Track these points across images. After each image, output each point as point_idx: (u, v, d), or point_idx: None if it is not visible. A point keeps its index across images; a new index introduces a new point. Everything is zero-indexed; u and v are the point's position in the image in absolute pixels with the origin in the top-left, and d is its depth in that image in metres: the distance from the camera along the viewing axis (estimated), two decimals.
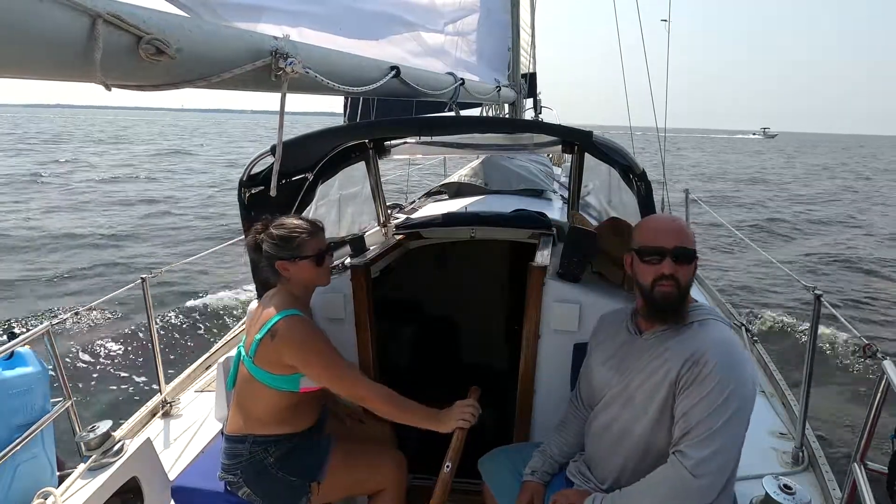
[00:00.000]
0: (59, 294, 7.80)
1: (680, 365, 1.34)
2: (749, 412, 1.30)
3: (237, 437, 1.73)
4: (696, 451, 1.27)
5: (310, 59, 1.32)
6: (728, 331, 1.39)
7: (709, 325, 1.39)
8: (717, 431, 1.26)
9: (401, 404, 1.65)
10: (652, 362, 1.40)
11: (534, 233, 2.65)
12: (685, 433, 1.30)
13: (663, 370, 1.37)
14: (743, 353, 1.35)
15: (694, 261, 1.41)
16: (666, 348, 1.39)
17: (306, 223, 1.75)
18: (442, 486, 1.52)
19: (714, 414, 1.26)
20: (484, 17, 3.86)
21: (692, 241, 1.42)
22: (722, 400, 1.26)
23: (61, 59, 0.77)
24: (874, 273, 9.64)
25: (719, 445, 1.26)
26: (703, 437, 1.27)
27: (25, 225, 12.49)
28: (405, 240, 2.75)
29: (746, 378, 1.30)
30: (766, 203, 19.06)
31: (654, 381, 1.38)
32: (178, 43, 0.94)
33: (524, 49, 7.14)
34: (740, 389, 1.28)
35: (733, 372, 1.29)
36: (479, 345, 3.18)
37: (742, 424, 1.29)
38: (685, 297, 1.41)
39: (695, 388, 1.30)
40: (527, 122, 4.03)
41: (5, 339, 1.85)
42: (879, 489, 1.60)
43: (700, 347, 1.33)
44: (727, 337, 1.37)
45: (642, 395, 1.40)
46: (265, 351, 1.63)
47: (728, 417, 1.26)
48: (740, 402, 1.27)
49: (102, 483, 1.88)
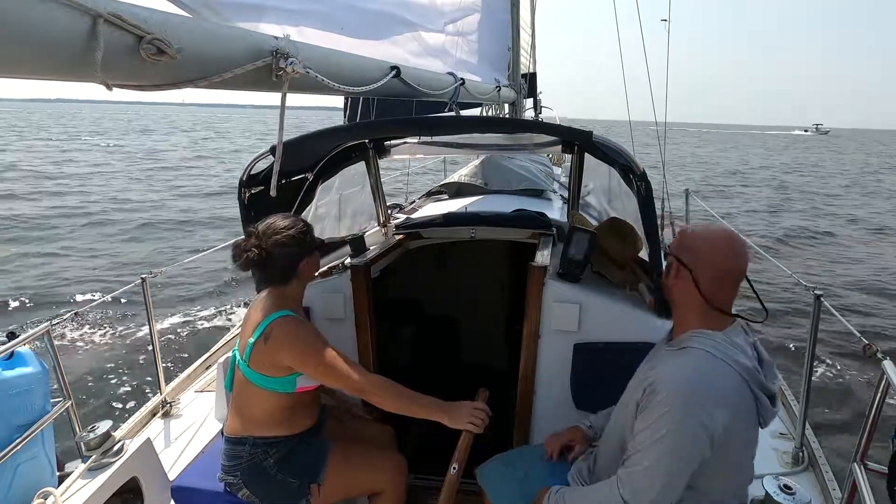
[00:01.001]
0: (60, 294, 7.79)
1: (645, 386, 1.29)
2: (691, 458, 1.20)
3: (236, 438, 1.72)
4: (631, 480, 1.24)
5: (310, 59, 1.32)
6: (704, 368, 1.23)
7: (689, 355, 1.28)
8: (652, 468, 1.21)
9: (403, 395, 1.62)
10: (643, 371, 1.39)
11: (534, 233, 2.65)
12: (627, 456, 1.27)
13: (640, 385, 1.33)
14: (708, 395, 1.20)
15: (668, 260, 1.38)
16: (658, 362, 1.35)
17: (292, 216, 1.71)
18: (449, 487, 1.52)
19: (651, 449, 1.21)
20: (484, 17, 3.86)
21: (674, 244, 1.38)
22: (660, 436, 1.20)
23: (62, 58, 0.77)
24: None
25: (649, 484, 1.21)
26: (639, 469, 1.23)
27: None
28: (405, 240, 2.75)
29: (696, 422, 1.18)
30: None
31: (635, 391, 1.35)
32: (179, 43, 0.93)
33: (524, 49, 7.14)
34: (682, 432, 1.19)
35: (680, 412, 1.19)
36: (479, 345, 3.17)
37: (680, 466, 1.20)
38: (663, 298, 1.40)
39: (644, 415, 1.26)
40: (527, 122, 4.03)
41: (5, 340, 1.85)
42: (879, 489, 1.60)
43: (661, 374, 1.27)
44: (694, 374, 1.23)
45: (626, 399, 1.39)
46: (259, 354, 1.61)
47: (662, 455, 1.20)
48: (678, 446, 1.19)
49: (102, 483, 1.88)
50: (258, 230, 1.65)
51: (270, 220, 1.67)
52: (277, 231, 1.63)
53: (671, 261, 1.37)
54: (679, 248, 1.35)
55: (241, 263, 1.60)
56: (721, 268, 1.30)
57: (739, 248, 1.33)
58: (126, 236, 11.45)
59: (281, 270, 1.67)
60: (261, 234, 1.63)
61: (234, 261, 1.62)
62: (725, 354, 1.25)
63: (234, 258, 1.62)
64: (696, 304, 1.32)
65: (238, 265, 1.61)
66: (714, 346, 1.26)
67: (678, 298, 1.37)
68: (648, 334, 1.89)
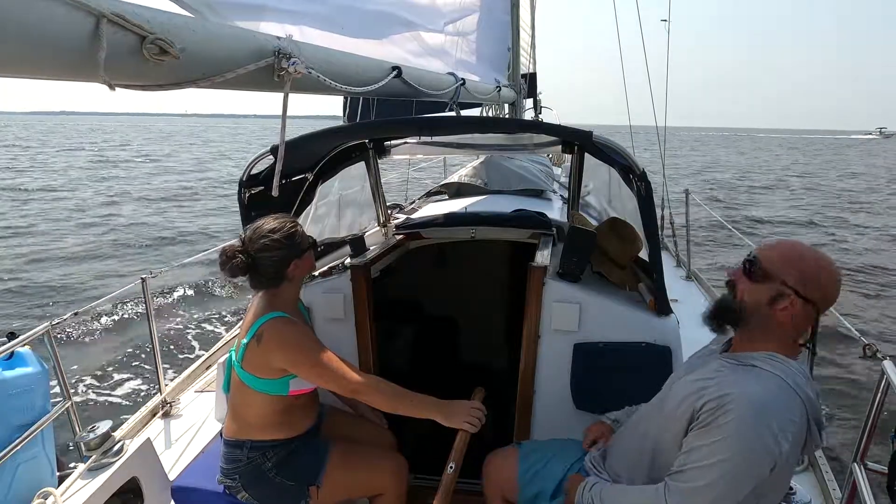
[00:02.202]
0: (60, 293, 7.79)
1: (707, 399, 1.23)
2: (748, 482, 1.17)
3: (234, 441, 1.72)
4: (683, 496, 1.21)
5: (312, 60, 1.32)
6: (778, 394, 1.19)
7: (761, 376, 1.22)
8: (709, 486, 1.18)
9: (398, 394, 1.61)
10: (700, 379, 1.31)
11: (534, 233, 2.65)
12: (680, 469, 1.23)
13: (697, 394, 1.26)
14: (778, 422, 1.16)
15: (765, 284, 1.25)
16: (720, 374, 1.28)
17: (283, 216, 1.69)
18: (445, 487, 1.52)
19: (710, 468, 1.18)
20: (484, 17, 3.87)
21: (793, 276, 1.23)
22: (723, 458, 1.16)
23: (65, 58, 0.77)
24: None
25: (704, 502, 1.18)
26: (694, 486, 1.20)
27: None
28: (405, 240, 2.75)
29: (762, 448, 1.14)
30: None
31: (688, 398, 1.28)
32: (182, 43, 0.94)
33: (524, 49, 7.16)
34: (747, 456, 1.15)
35: (748, 435, 1.15)
36: (479, 345, 3.17)
37: (736, 489, 1.17)
38: (742, 313, 1.29)
39: (706, 430, 1.21)
40: (527, 122, 4.03)
41: (5, 340, 1.85)
42: (879, 489, 1.60)
43: (730, 392, 1.20)
44: (768, 398, 1.18)
45: (673, 404, 1.33)
46: (252, 356, 1.61)
47: (719, 477, 1.17)
48: (737, 470, 1.16)
49: (102, 483, 1.88)
50: (245, 235, 1.63)
51: (257, 223, 1.65)
52: (263, 235, 1.61)
53: (788, 293, 1.23)
54: (803, 282, 1.22)
55: (228, 271, 1.59)
56: (832, 303, 1.26)
57: (839, 274, 1.26)
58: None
59: (269, 275, 1.64)
60: (247, 239, 1.62)
61: (220, 268, 1.60)
62: (797, 384, 1.21)
63: (220, 266, 1.60)
64: (788, 331, 1.27)
65: (225, 273, 1.59)
66: (790, 374, 1.22)
67: (774, 325, 1.27)
68: (648, 334, 1.90)
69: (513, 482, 1.71)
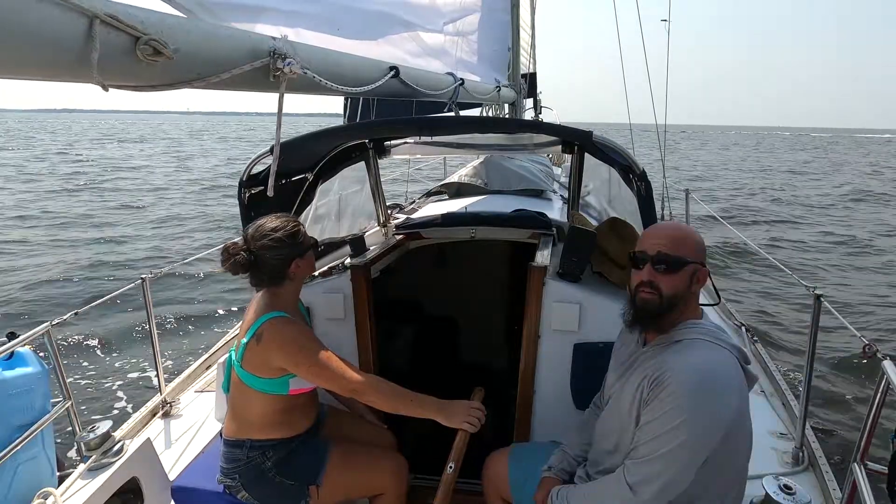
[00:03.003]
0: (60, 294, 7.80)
1: (648, 381, 1.30)
2: (703, 447, 1.21)
3: (234, 441, 1.72)
4: (638, 469, 1.25)
5: (308, 60, 1.32)
6: (713, 357, 1.26)
7: (692, 347, 1.29)
8: (661, 457, 1.21)
9: (398, 394, 1.62)
10: (638, 374, 1.37)
11: (534, 233, 2.65)
12: (634, 448, 1.28)
13: (639, 383, 1.34)
14: (721, 385, 1.23)
15: (683, 270, 1.33)
16: (652, 362, 1.34)
17: (285, 216, 1.70)
18: (445, 487, 1.52)
19: (660, 439, 1.22)
20: (484, 17, 3.86)
21: (684, 250, 1.33)
22: (673, 426, 1.20)
23: (58, 59, 0.77)
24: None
25: (659, 471, 1.21)
26: (646, 458, 1.24)
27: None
28: (405, 240, 2.75)
29: (707, 413, 1.20)
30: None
31: (634, 392, 1.35)
32: (176, 43, 0.93)
33: (524, 49, 7.15)
34: (696, 422, 1.19)
35: (694, 402, 1.20)
36: (479, 345, 3.17)
37: (691, 456, 1.21)
38: (669, 308, 1.34)
39: (651, 406, 1.26)
40: (527, 122, 4.03)
41: (5, 340, 1.85)
42: (879, 489, 1.59)
43: (667, 368, 1.26)
44: (705, 364, 1.24)
45: (626, 405, 1.38)
46: (252, 355, 1.61)
47: (673, 447, 1.20)
48: (691, 435, 1.19)
49: (102, 483, 1.88)
50: (248, 233, 1.64)
51: (260, 221, 1.66)
52: (266, 233, 1.62)
53: (697, 268, 1.34)
54: (697, 253, 1.35)
55: (230, 267, 1.59)
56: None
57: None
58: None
59: (271, 273, 1.65)
60: (249, 237, 1.63)
61: (223, 265, 1.61)
62: (721, 340, 1.29)
63: (222, 262, 1.61)
64: (695, 299, 1.38)
65: (227, 269, 1.60)
66: (710, 333, 1.30)
67: (690, 301, 1.37)
68: None
69: (507, 484, 1.72)
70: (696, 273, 1.35)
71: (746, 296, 7.91)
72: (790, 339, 6.25)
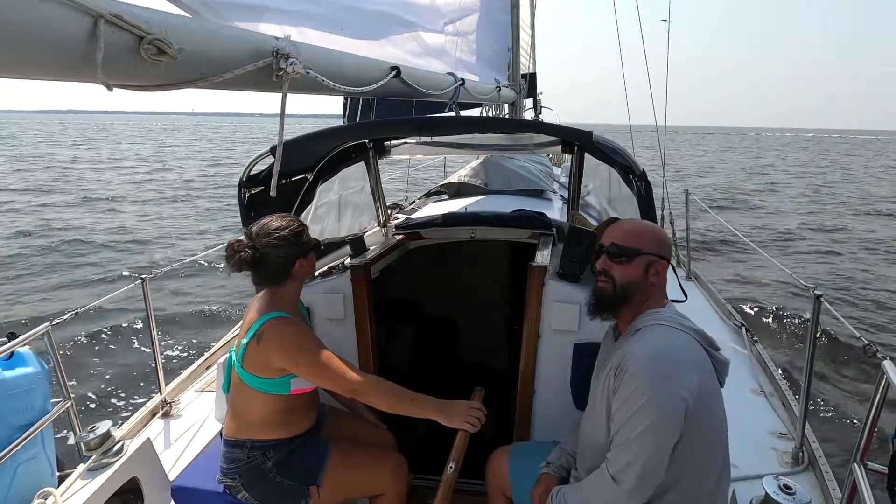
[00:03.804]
0: (59, 294, 7.79)
1: (613, 371, 1.34)
2: (672, 423, 1.24)
3: (234, 441, 1.72)
4: (615, 458, 1.28)
5: (311, 60, 1.32)
6: (667, 338, 1.32)
7: (649, 332, 1.34)
8: (634, 440, 1.24)
9: (398, 394, 1.62)
10: (606, 367, 1.40)
11: (534, 233, 2.65)
12: (611, 439, 1.31)
13: (606, 374, 1.37)
14: (677, 361, 1.27)
15: (635, 261, 1.39)
16: (618, 352, 1.38)
17: (289, 216, 1.71)
18: (445, 487, 1.52)
19: (630, 423, 1.25)
20: (484, 18, 3.86)
21: (638, 241, 1.40)
22: (639, 407, 1.24)
23: (63, 59, 0.77)
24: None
25: (636, 454, 1.24)
26: (622, 445, 1.27)
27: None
28: (405, 240, 2.75)
29: (668, 389, 1.23)
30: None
31: (602, 386, 1.39)
32: (180, 43, 0.94)
33: (524, 49, 7.15)
34: (659, 400, 1.23)
35: (652, 381, 1.24)
36: (479, 345, 3.18)
37: (662, 435, 1.24)
38: (624, 296, 1.40)
39: (618, 395, 1.30)
40: (526, 122, 4.04)
41: (5, 340, 1.85)
42: (879, 489, 1.60)
43: (627, 354, 1.31)
44: (659, 344, 1.30)
45: (598, 399, 1.41)
46: (252, 355, 1.61)
47: (643, 428, 1.23)
48: (656, 414, 1.23)
49: (102, 483, 1.88)
50: (252, 231, 1.64)
51: (265, 220, 1.66)
52: (271, 232, 1.62)
53: (652, 260, 1.40)
54: (657, 245, 1.41)
55: (234, 264, 1.60)
56: (671, 251, 1.43)
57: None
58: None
59: (274, 271, 1.65)
60: (254, 235, 1.63)
61: (227, 262, 1.61)
62: (680, 324, 1.35)
63: (227, 259, 1.61)
64: (657, 290, 1.43)
65: (231, 266, 1.60)
66: (669, 318, 1.36)
67: (649, 293, 1.41)
68: None
69: (508, 482, 1.74)
70: (652, 265, 1.40)
71: (746, 296, 7.92)
72: (790, 339, 6.25)
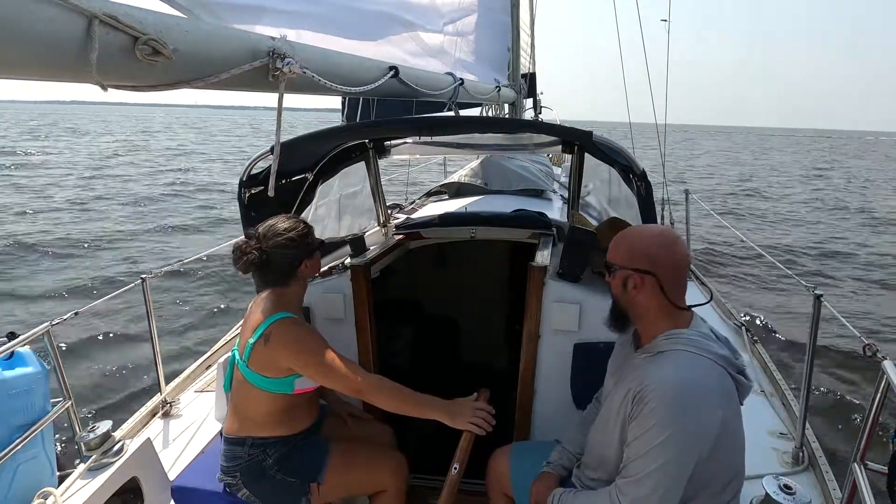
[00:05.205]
0: (59, 294, 7.80)
1: (632, 395, 1.27)
2: (690, 460, 1.20)
3: (235, 438, 1.73)
4: (629, 489, 1.23)
5: (307, 60, 1.32)
6: (689, 369, 1.23)
7: (671, 358, 1.26)
8: (651, 474, 1.20)
9: (403, 394, 1.62)
10: (624, 385, 1.35)
11: (534, 233, 2.65)
12: (624, 467, 1.26)
13: (624, 396, 1.31)
14: (701, 396, 1.20)
15: (615, 275, 1.34)
16: (636, 374, 1.31)
17: (294, 217, 1.72)
18: (450, 487, 1.52)
19: (648, 456, 1.20)
20: (483, 17, 3.86)
21: (614, 255, 1.35)
22: (658, 443, 1.19)
23: (57, 59, 0.77)
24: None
25: (651, 489, 1.20)
26: (635, 478, 1.22)
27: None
28: (405, 240, 2.75)
29: (693, 425, 1.19)
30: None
31: (619, 406, 1.33)
32: (175, 43, 0.93)
33: (524, 49, 7.14)
34: (679, 437, 1.18)
35: (676, 417, 1.18)
36: (479, 345, 3.17)
37: (679, 473, 1.20)
38: (622, 313, 1.37)
39: (636, 423, 1.24)
40: (526, 122, 4.03)
41: (5, 340, 1.85)
42: (879, 489, 1.59)
43: (648, 383, 1.24)
44: (682, 377, 1.22)
45: (612, 415, 1.37)
46: (259, 355, 1.62)
47: (663, 463, 1.18)
48: (678, 451, 1.18)
49: (102, 483, 1.88)
50: (259, 232, 1.65)
51: (271, 221, 1.68)
52: (278, 233, 1.64)
53: (627, 274, 1.32)
54: (631, 257, 1.32)
55: (242, 266, 1.61)
56: (679, 265, 1.32)
57: (678, 238, 1.36)
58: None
59: (281, 272, 1.67)
60: (261, 236, 1.64)
61: (234, 263, 1.63)
62: (703, 350, 1.25)
63: (234, 261, 1.63)
64: (662, 308, 1.32)
65: (238, 267, 1.62)
66: (692, 344, 1.26)
67: (642, 308, 1.34)
68: None
69: (509, 482, 1.74)
70: (629, 278, 1.31)
71: (747, 296, 7.91)
72: (790, 339, 6.24)
